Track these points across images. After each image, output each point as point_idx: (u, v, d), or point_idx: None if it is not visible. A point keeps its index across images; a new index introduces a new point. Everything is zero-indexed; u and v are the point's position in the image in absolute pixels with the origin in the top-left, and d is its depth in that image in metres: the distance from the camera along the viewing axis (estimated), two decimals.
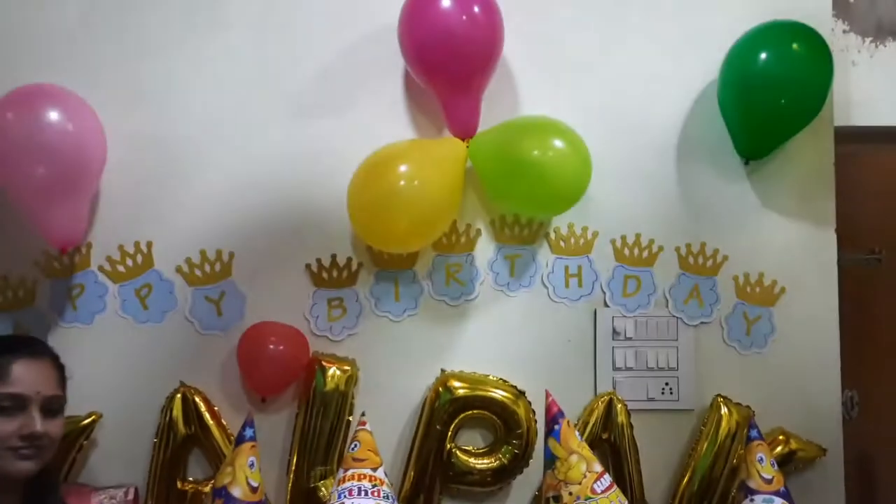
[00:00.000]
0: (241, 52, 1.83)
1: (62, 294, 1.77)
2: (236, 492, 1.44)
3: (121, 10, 1.81)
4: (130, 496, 1.52)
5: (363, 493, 1.49)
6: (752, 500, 1.64)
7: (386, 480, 1.52)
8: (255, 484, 1.47)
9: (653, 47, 1.93)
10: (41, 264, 1.77)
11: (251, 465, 1.49)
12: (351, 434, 1.65)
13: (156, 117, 1.80)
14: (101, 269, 1.79)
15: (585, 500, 1.53)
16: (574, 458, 1.57)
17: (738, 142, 1.91)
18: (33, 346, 1.40)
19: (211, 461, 1.76)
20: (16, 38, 1.79)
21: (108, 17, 1.80)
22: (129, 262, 1.79)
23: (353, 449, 1.54)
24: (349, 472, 1.50)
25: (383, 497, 1.49)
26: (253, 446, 1.53)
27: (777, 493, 1.63)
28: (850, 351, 2.02)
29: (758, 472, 1.66)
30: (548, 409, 1.67)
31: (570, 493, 1.52)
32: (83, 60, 1.78)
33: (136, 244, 1.79)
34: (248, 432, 1.54)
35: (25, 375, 1.34)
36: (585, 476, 1.55)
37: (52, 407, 1.36)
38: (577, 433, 1.62)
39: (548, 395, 1.69)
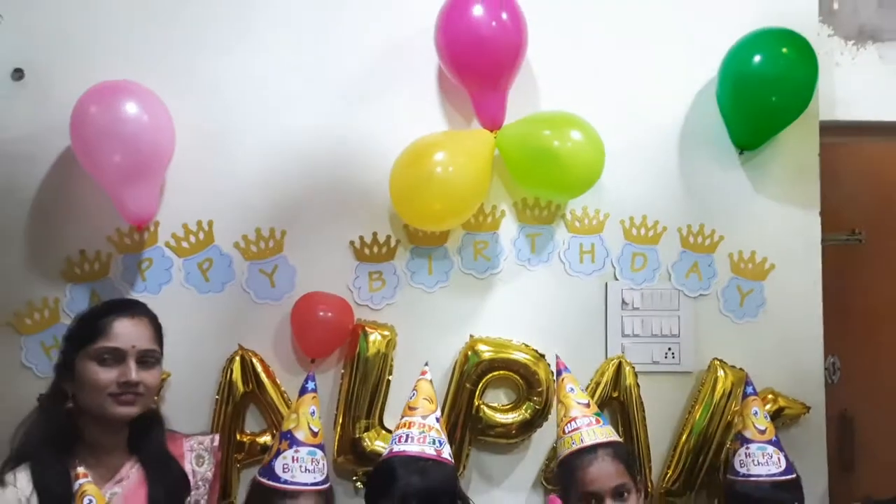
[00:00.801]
0: (292, 49, 2.04)
1: (133, 267, 1.98)
2: (300, 435, 1.64)
3: (188, 11, 2.02)
4: (216, 443, 1.72)
5: (410, 439, 1.69)
6: (747, 448, 1.85)
7: (436, 426, 1.70)
8: (315, 429, 1.67)
9: (659, 49, 2.14)
10: (114, 241, 1.98)
11: (312, 413, 1.68)
12: (412, 395, 1.82)
13: (217, 109, 2.01)
14: (167, 245, 1.99)
15: (557, 439, 1.79)
16: (558, 405, 1.82)
17: (734, 134, 2.12)
18: (133, 307, 1.59)
19: (266, 415, 1.98)
20: (96, 38, 1.99)
21: (177, 18, 2.01)
22: (193, 238, 2.00)
23: (411, 397, 1.75)
24: (402, 420, 1.71)
25: (429, 442, 1.68)
26: (314, 397, 1.73)
27: (769, 442, 1.84)
28: (834, 321, 2.24)
29: (753, 423, 1.87)
30: (556, 367, 1.90)
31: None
32: (154, 58, 1.99)
33: (199, 223, 2.00)
34: (310, 385, 1.73)
35: (123, 332, 1.53)
36: (562, 420, 1.79)
37: (148, 359, 1.55)
38: (568, 385, 1.83)
39: (557, 358, 1.91)
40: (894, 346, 2.37)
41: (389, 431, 1.95)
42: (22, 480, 1.45)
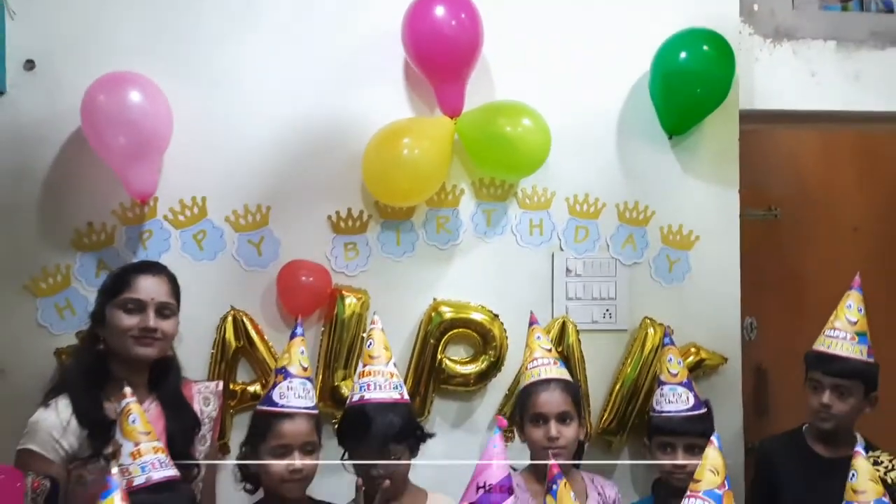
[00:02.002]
0: (277, 46, 2.29)
1: (135, 237, 2.23)
2: (293, 369, 1.89)
3: (185, 10, 2.26)
4: (220, 388, 1.99)
5: (377, 387, 1.94)
6: (662, 389, 2.16)
7: (395, 372, 1.97)
8: (305, 365, 1.92)
9: (600, 46, 2.42)
10: (118, 214, 2.23)
11: (301, 353, 1.93)
12: (366, 333, 2.10)
13: (211, 98, 2.26)
14: (165, 218, 2.25)
15: (520, 374, 2.11)
16: (526, 349, 2.13)
17: (664, 121, 2.42)
18: (154, 267, 1.88)
19: (255, 367, 2.25)
20: (100, 33, 2.23)
21: (175, 16, 2.25)
22: (188, 212, 2.25)
23: (369, 346, 2.00)
24: (366, 369, 1.95)
25: (394, 388, 1.95)
26: (302, 340, 1.96)
27: (680, 384, 2.14)
28: (752, 286, 2.55)
29: (667, 368, 2.18)
30: (529, 321, 2.19)
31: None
32: (154, 52, 2.23)
33: (194, 199, 2.26)
34: (299, 330, 1.98)
35: (145, 286, 1.81)
36: (526, 359, 2.10)
37: (165, 311, 1.82)
38: (536, 334, 2.13)
39: (531, 314, 2.20)
40: (807, 309, 2.68)
41: None
42: (62, 406, 1.71)
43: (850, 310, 2.08)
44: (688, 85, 2.33)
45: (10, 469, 1.59)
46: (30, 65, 2.20)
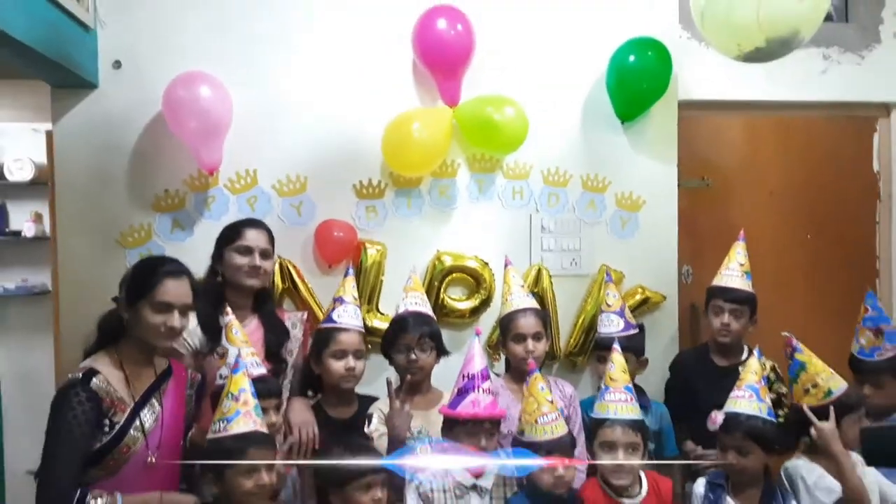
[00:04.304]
0: (316, 51, 2.86)
1: (202, 201, 2.81)
2: (346, 298, 2.45)
3: (244, 21, 2.82)
4: (304, 316, 2.58)
5: (417, 303, 2.52)
6: (601, 316, 2.76)
7: (425, 298, 2.58)
8: (355, 296, 2.49)
9: (567, 51, 3.02)
10: (188, 182, 2.80)
11: (353, 287, 2.51)
12: (408, 282, 2.63)
13: (262, 92, 2.83)
14: (225, 186, 2.83)
15: (502, 305, 2.68)
16: (504, 285, 2.71)
17: (618, 109, 3.02)
18: (257, 223, 2.46)
19: (297, 303, 2.84)
20: (175, 38, 2.78)
21: (234, 24, 2.82)
22: (243, 181, 2.83)
23: (408, 283, 2.59)
24: (408, 295, 2.53)
25: (426, 306, 2.54)
26: (353, 278, 2.53)
27: (615, 312, 2.73)
28: (688, 241, 3.18)
29: (606, 301, 2.78)
30: (504, 262, 2.78)
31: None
32: (218, 53, 2.79)
33: (247, 170, 2.84)
34: (350, 271, 2.55)
35: (251, 236, 2.40)
36: (505, 293, 2.67)
37: (265, 254, 2.43)
38: (512, 273, 2.70)
39: (506, 257, 2.80)
40: None
41: (383, 314, 2.85)
42: (190, 317, 2.28)
43: (740, 255, 2.73)
44: (636, 81, 2.94)
45: (178, 366, 2.17)
46: (117, 64, 2.75)
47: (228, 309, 2.22)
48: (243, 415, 1.94)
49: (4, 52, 2.15)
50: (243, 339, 2.18)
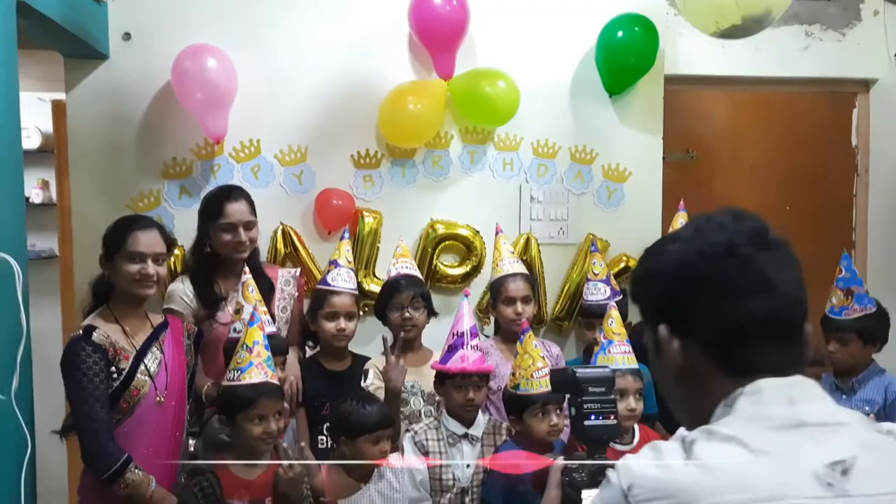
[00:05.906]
0: (315, 27, 2.98)
1: (207, 169, 2.95)
2: (341, 261, 2.62)
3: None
4: (297, 273, 2.72)
5: (408, 267, 2.70)
6: (587, 284, 2.94)
7: (414, 263, 2.76)
8: (350, 259, 2.65)
9: (559, 25, 3.13)
10: (195, 151, 2.94)
11: (348, 251, 2.68)
12: (397, 249, 2.79)
13: (265, 64, 2.95)
14: (230, 155, 2.96)
15: (492, 270, 2.85)
16: (495, 252, 2.87)
17: (606, 83, 3.15)
18: (240, 194, 2.54)
19: (299, 267, 2.99)
20: (181, 11, 2.90)
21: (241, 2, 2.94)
22: (247, 150, 2.97)
23: (398, 250, 2.75)
24: (397, 261, 2.69)
25: (415, 270, 2.72)
26: (349, 241, 2.69)
27: (601, 280, 2.91)
28: (672, 211, 3.31)
29: (591, 269, 2.96)
30: (496, 230, 2.94)
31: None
32: (223, 26, 2.91)
33: (251, 140, 2.97)
34: (346, 235, 2.71)
35: (233, 210, 2.50)
36: (495, 259, 2.85)
37: (250, 226, 2.52)
38: (502, 242, 2.87)
39: (497, 225, 2.95)
40: None
41: (379, 279, 3.00)
42: (186, 282, 2.45)
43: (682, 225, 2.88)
44: (624, 56, 3.07)
45: (174, 319, 2.34)
46: (126, 36, 2.88)
47: (246, 268, 2.40)
48: (256, 366, 2.11)
49: (27, 24, 2.27)
50: (258, 298, 2.34)
